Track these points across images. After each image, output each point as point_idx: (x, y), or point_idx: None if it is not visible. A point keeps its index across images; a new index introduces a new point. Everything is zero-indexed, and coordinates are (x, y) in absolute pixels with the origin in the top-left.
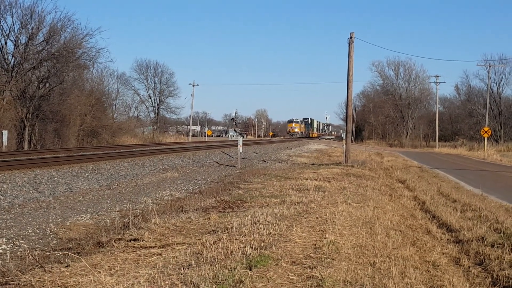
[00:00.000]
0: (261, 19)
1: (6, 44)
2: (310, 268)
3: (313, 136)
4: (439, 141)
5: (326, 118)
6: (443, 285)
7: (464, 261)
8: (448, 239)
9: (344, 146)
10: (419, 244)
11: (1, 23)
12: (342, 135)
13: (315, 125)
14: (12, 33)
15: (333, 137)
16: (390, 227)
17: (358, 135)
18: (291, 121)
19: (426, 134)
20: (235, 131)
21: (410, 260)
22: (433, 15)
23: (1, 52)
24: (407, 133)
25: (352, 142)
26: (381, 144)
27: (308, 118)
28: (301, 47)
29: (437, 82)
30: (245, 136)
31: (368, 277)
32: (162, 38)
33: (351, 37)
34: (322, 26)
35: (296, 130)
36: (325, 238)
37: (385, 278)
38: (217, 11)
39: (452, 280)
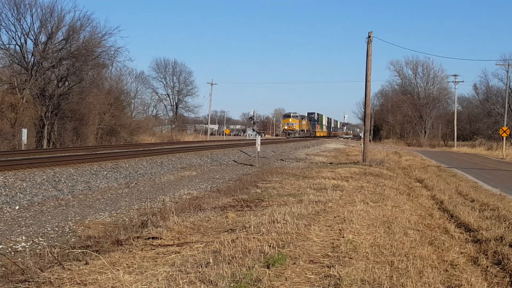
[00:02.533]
0: (279, 18)
1: (26, 43)
2: (328, 267)
3: (321, 135)
4: (457, 140)
5: (344, 117)
6: (461, 285)
7: (482, 261)
8: (466, 239)
9: (362, 145)
10: (437, 244)
11: (21, 22)
12: (360, 134)
13: (324, 122)
14: (32, 32)
15: (351, 136)
16: (408, 226)
17: (376, 134)
18: (287, 116)
19: (444, 134)
20: (253, 130)
21: (428, 259)
22: (452, 15)
23: (21, 51)
24: (425, 132)
25: (370, 141)
26: (399, 143)
27: (314, 113)
28: (320, 46)
29: (455, 82)
30: (263, 135)
31: (386, 276)
32: (181, 37)
33: (369, 37)
34: (340, 25)
35: (295, 127)
36: (343, 237)
37: (403, 277)
38: (236, 10)
39: (470, 279)
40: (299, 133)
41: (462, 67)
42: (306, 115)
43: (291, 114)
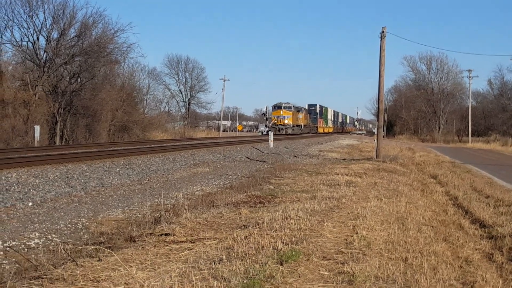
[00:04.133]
0: (290, 15)
1: (38, 40)
2: (341, 263)
3: (326, 131)
4: (471, 136)
5: (357, 113)
6: (476, 281)
7: (498, 257)
8: (481, 235)
9: (376, 141)
10: (452, 240)
11: (33, 19)
12: (373, 130)
13: (330, 116)
14: (44, 29)
15: (364, 132)
16: (422, 223)
17: (390, 130)
18: (277, 107)
19: (458, 129)
20: (266, 126)
21: (443, 255)
22: (466, 9)
23: (34, 48)
24: (439, 128)
25: (383, 137)
26: (413, 139)
27: (315, 106)
28: (333, 42)
29: (470, 77)
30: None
31: (400, 273)
32: (193, 33)
33: (382, 32)
34: (353, 21)
35: (287, 121)
36: (357, 233)
37: (417, 273)
38: (247, 6)
39: (485, 276)
40: (292, 129)
41: (477, 62)
42: (307, 107)
43: (283, 105)
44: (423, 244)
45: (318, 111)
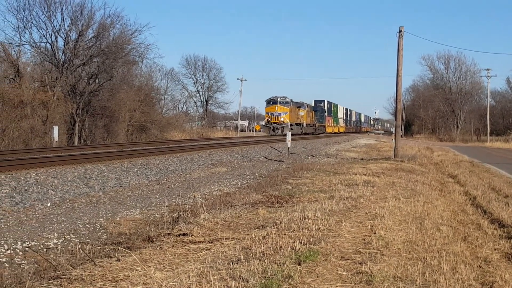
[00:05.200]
0: (307, 14)
1: (56, 41)
2: (359, 263)
3: (336, 131)
4: (490, 135)
5: (375, 112)
6: (495, 281)
7: None
8: (500, 235)
9: (394, 140)
10: (470, 240)
11: (52, 20)
12: (391, 130)
13: (340, 114)
14: (63, 30)
15: (382, 131)
16: (440, 223)
17: (408, 129)
18: (273, 102)
19: (477, 129)
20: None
21: (461, 255)
22: (484, 8)
23: (52, 49)
24: (457, 127)
25: (401, 136)
26: (431, 138)
27: (323, 102)
28: (351, 41)
29: (488, 76)
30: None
31: (419, 273)
32: (211, 34)
33: (400, 31)
34: (370, 21)
35: (284, 119)
36: (375, 233)
37: (436, 273)
38: (264, 6)
39: (505, 276)
40: (291, 128)
41: (495, 61)
42: (313, 104)
43: (278, 99)
44: (441, 244)
45: (326, 108)
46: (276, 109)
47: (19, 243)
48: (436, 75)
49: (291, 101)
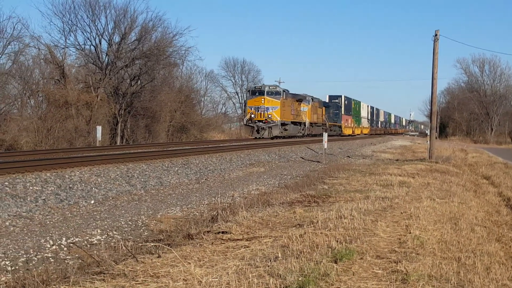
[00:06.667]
0: (344, 17)
1: (100, 43)
2: (395, 262)
3: (357, 133)
4: None
5: (410, 114)
6: None
7: None
8: None
9: (428, 142)
10: (505, 240)
11: (96, 24)
12: (426, 131)
13: (364, 113)
14: (106, 33)
15: (417, 133)
16: (475, 223)
17: (442, 131)
18: (259, 93)
19: (511, 131)
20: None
21: (496, 256)
22: None
23: (96, 51)
24: (491, 129)
25: (436, 138)
26: (465, 140)
27: (338, 97)
28: (387, 45)
29: None
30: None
31: (453, 272)
32: (249, 36)
33: (436, 35)
34: (406, 23)
35: (272, 115)
36: (410, 233)
37: (470, 273)
38: (302, 9)
39: None
40: (284, 129)
41: None
42: (327, 99)
43: (266, 89)
44: (476, 244)
45: (343, 105)
46: (263, 102)
47: (64, 239)
48: (471, 78)
49: (285, 92)
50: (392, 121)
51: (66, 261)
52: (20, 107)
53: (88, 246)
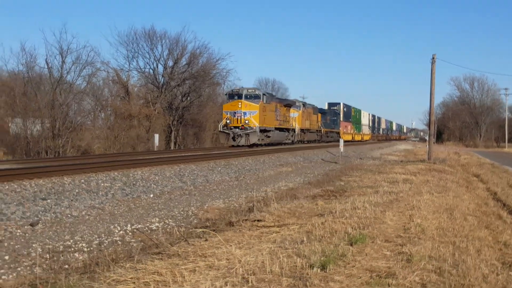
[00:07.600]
0: (369, 39)
1: (157, 67)
2: (400, 245)
3: (357, 139)
4: (508, 142)
5: (412, 123)
6: None
7: None
8: None
9: (427, 146)
10: (492, 227)
11: (154, 51)
12: (425, 137)
13: (365, 121)
14: (162, 59)
15: (418, 139)
16: (467, 213)
17: (439, 137)
18: (237, 96)
19: (497, 137)
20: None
21: (485, 240)
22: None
23: (153, 73)
24: (480, 135)
25: (434, 143)
26: (458, 145)
27: (337, 104)
28: (391, 60)
29: (506, 94)
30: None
31: (450, 254)
32: (277, 56)
33: (433, 58)
34: (405, 44)
35: (250, 120)
36: (413, 221)
37: (464, 254)
38: (323, 28)
39: None
40: (266, 136)
41: None
42: (326, 106)
43: (244, 92)
44: (468, 231)
45: (342, 112)
46: (239, 106)
47: (129, 225)
48: (462, 93)
49: (265, 95)
50: (394, 128)
51: (131, 244)
52: (93, 119)
53: (149, 231)
